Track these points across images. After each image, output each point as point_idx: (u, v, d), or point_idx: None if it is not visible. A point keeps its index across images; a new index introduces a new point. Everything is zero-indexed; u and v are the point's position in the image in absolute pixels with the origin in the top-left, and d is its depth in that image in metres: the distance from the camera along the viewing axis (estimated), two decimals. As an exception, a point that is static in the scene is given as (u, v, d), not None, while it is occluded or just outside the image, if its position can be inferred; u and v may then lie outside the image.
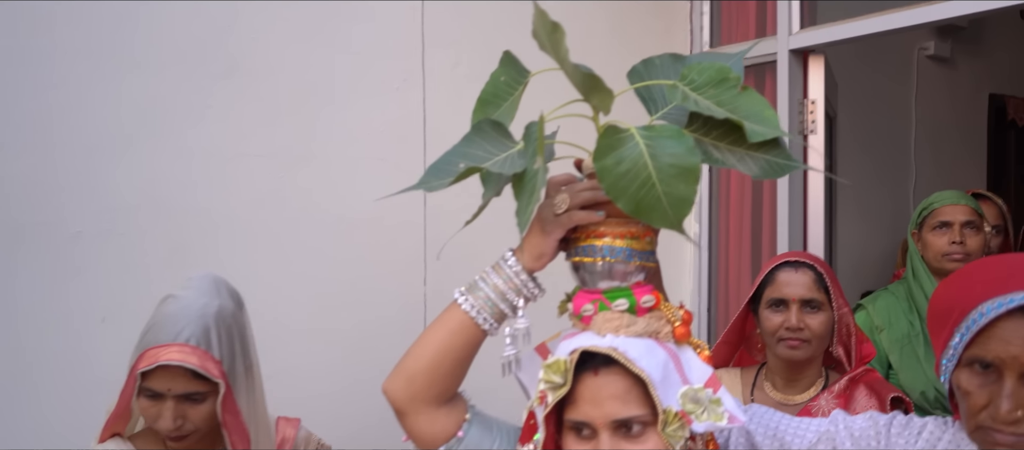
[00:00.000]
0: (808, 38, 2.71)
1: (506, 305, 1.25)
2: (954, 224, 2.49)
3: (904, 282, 2.63)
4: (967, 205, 2.52)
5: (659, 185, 1.11)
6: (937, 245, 2.51)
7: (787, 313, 1.89)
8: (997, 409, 1.07)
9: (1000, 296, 1.07)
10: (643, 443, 1.15)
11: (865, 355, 1.92)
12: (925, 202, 2.61)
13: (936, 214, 2.54)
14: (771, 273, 1.95)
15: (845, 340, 1.94)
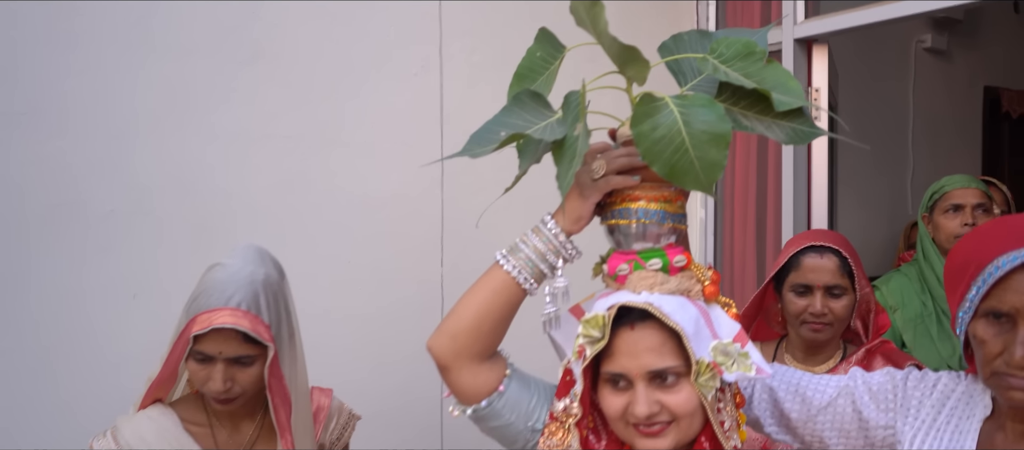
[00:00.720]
0: (813, 27, 2.79)
1: (545, 266, 1.33)
2: (966, 207, 2.57)
3: (915, 263, 2.70)
4: (978, 189, 2.61)
5: (692, 150, 1.18)
6: (949, 227, 2.59)
7: (812, 298, 1.93)
8: (1011, 355, 1.15)
9: (1015, 250, 1.15)
10: (677, 393, 1.23)
11: (881, 326, 1.99)
12: (936, 185, 2.68)
13: (948, 197, 2.61)
14: (796, 257, 1.98)
15: (864, 315, 2.00)
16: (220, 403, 1.55)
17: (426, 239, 2.68)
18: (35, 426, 2.06)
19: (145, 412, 1.61)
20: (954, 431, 1.30)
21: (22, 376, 2.06)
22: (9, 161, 2.03)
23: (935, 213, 2.65)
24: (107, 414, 2.07)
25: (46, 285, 2.08)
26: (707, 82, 1.30)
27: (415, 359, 2.66)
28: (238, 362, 1.52)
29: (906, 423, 1.35)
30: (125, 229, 2.17)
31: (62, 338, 2.10)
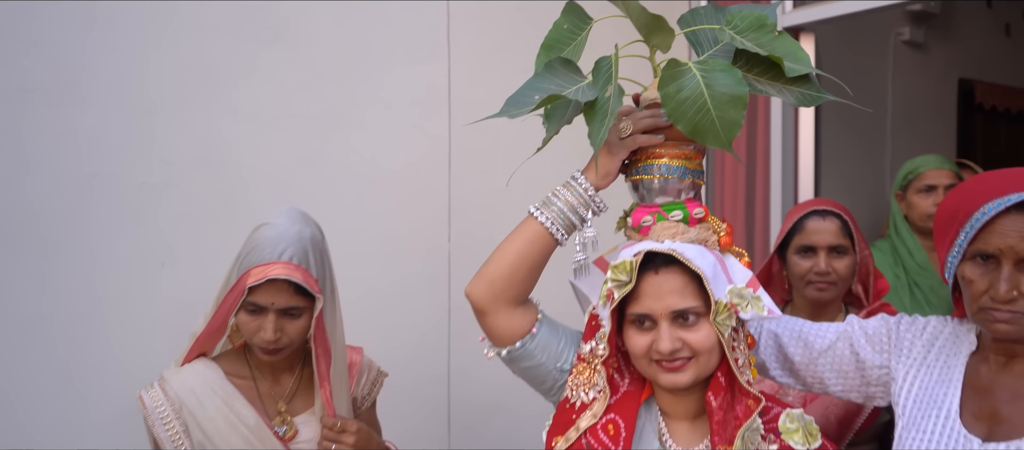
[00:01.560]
0: (801, 16, 2.94)
1: (576, 217, 1.45)
2: (938, 187, 2.72)
3: (888, 239, 2.86)
4: (950, 169, 2.76)
5: (713, 110, 1.32)
6: (923, 206, 2.74)
7: (816, 258, 2.07)
8: (996, 291, 1.29)
9: (999, 198, 1.29)
10: (697, 331, 1.36)
11: (880, 290, 2.14)
12: (910, 165, 2.83)
13: (921, 178, 2.76)
14: (800, 221, 2.12)
15: (864, 278, 2.14)
16: (267, 354, 1.66)
17: (434, 215, 2.79)
18: (70, 383, 2.16)
19: (190, 366, 1.72)
20: (943, 367, 1.44)
21: (58, 339, 2.15)
22: (45, 135, 2.12)
23: (909, 192, 2.80)
24: (138, 373, 2.17)
25: (81, 253, 2.17)
26: (723, 51, 1.43)
27: (423, 328, 2.80)
28: (288, 313, 1.63)
29: (899, 362, 1.49)
30: (154, 201, 2.27)
31: (96, 302, 2.19)
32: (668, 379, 1.37)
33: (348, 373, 1.80)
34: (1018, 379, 1.35)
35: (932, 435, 1.39)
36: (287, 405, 1.73)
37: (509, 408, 2.95)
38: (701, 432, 1.43)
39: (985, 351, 1.41)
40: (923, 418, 1.41)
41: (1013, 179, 1.32)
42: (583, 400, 1.45)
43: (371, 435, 1.73)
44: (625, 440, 1.39)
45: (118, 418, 2.20)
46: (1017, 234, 1.28)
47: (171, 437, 1.64)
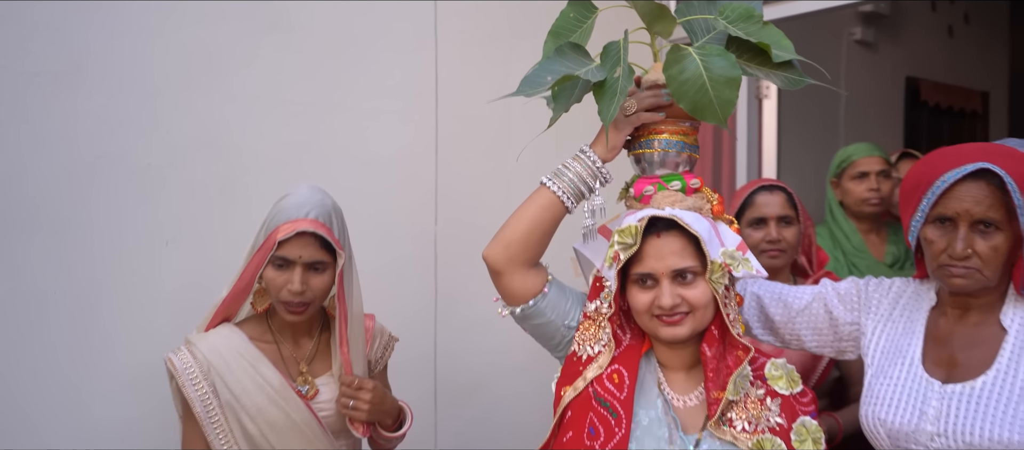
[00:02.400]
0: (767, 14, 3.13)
1: (585, 187, 1.60)
2: (871, 173, 2.93)
3: (826, 225, 3.07)
4: (880, 156, 2.97)
5: (711, 90, 1.48)
6: (857, 192, 2.94)
7: (767, 229, 2.28)
8: (953, 249, 1.48)
9: (956, 168, 1.48)
10: (694, 288, 1.51)
11: (822, 261, 2.37)
12: (842, 154, 3.04)
13: (854, 165, 2.96)
14: (751, 197, 2.33)
15: (807, 250, 2.36)
16: (292, 311, 1.77)
17: (421, 200, 2.92)
18: (78, 357, 2.23)
19: (216, 330, 1.82)
20: (907, 321, 1.63)
21: (66, 315, 2.22)
22: (53, 117, 2.19)
23: (843, 179, 3.00)
24: (144, 346, 2.27)
25: (88, 231, 2.24)
26: (716, 38, 1.59)
27: (410, 309, 2.92)
28: (313, 267, 1.75)
29: (868, 318, 1.67)
30: (158, 182, 2.35)
31: (102, 279, 2.26)
32: (668, 332, 1.53)
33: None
34: (972, 329, 1.54)
35: (898, 381, 1.57)
36: (308, 366, 1.85)
37: (491, 386, 3.09)
38: (695, 381, 1.59)
39: (943, 306, 1.59)
40: (890, 366, 1.59)
41: (968, 152, 1.50)
42: (589, 353, 1.59)
43: (386, 394, 1.86)
44: (629, 388, 1.54)
45: (124, 389, 2.29)
46: (971, 199, 1.46)
47: (201, 397, 1.74)
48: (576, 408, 1.57)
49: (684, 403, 1.57)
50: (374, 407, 1.82)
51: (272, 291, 1.78)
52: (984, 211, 1.46)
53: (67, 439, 2.21)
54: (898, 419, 1.53)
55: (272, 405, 1.77)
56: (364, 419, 1.82)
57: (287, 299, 1.76)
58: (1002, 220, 1.46)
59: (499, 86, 3.10)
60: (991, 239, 1.47)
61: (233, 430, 1.76)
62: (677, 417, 1.55)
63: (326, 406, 1.84)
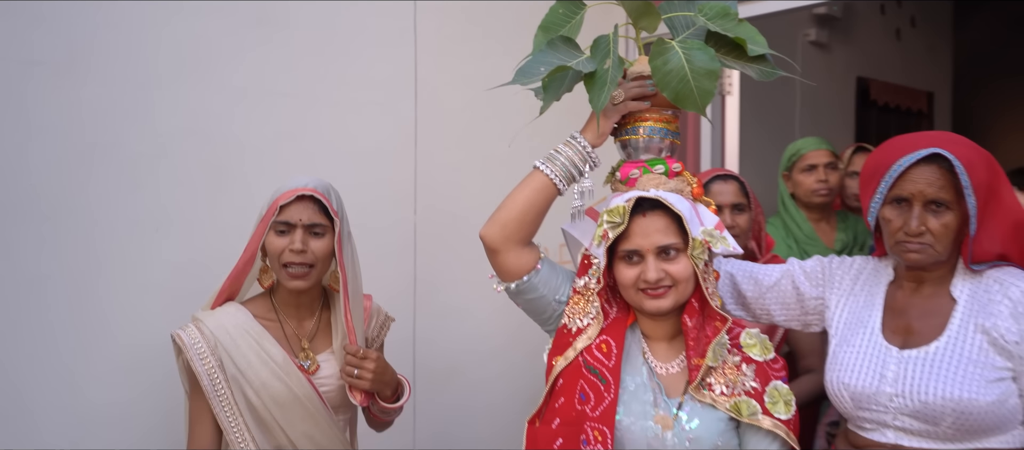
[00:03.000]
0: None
1: (575, 170, 1.72)
2: (819, 165, 3.11)
3: (779, 215, 3.25)
4: (828, 150, 3.16)
5: (692, 81, 1.61)
6: (807, 183, 3.12)
7: (721, 215, 2.42)
8: (909, 227, 1.63)
9: (910, 154, 1.63)
10: (677, 263, 1.64)
11: (769, 245, 2.54)
12: (792, 148, 3.22)
13: (804, 158, 3.15)
14: (706, 185, 2.47)
15: (757, 235, 2.53)
16: (295, 275, 1.86)
17: (401, 190, 3.01)
18: (73, 339, 2.28)
19: (222, 308, 1.90)
20: (867, 294, 1.78)
21: (61, 298, 2.27)
22: (49, 105, 2.24)
23: (793, 172, 3.18)
24: (137, 330, 2.34)
25: (82, 217, 2.30)
26: (696, 34, 1.72)
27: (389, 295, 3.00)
28: (312, 230, 1.85)
29: (832, 293, 1.82)
30: (149, 170, 2.41)
31: (95, 264, 2.32)
32: (652, 304, 1.66)
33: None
34: (926, 300, 1.70)
35: (860, 348, 1.72)
36: (309, 343, 1.94)
37: (468, 371, 3.20)
38: (677, 350, 1.72)
39: (900, 280, 1.75)
40: (852, 335, 1.74)
41: (921, 139, 1.66)
42: (579, 325, 1.71)
43: (387, 366, 1.96)
44: (616, 357, 1.67)
45: (117, 372, 2.34)
46: (925, 181, 1.62)
47: (208, 371, 1.83)
48: (567, 376, 1.69)
49: (667, 370, 1.70)
50: (376, 377, 1.91)
51: (274, 257, 1.88)
52: (936, 192, 1.61)
53: (62, 420, 2.26)
54: (860, 383, 1.68)
55: (275, 379, 1.85)
56: (366, 388, 1.92)
57: (289, 260, 1.85)
58: (952, 200, 1.62)
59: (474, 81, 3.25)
60: (942, 217, 1.62)
61: (238, 403, 1.84)
62: (661, 383, 1.68)
63: (327, 381, 1.94)
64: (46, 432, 2.24)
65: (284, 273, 1.88)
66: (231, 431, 1.83)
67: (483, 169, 3.20)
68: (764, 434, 1.64)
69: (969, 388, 1.56)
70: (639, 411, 1.64)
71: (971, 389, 1.56)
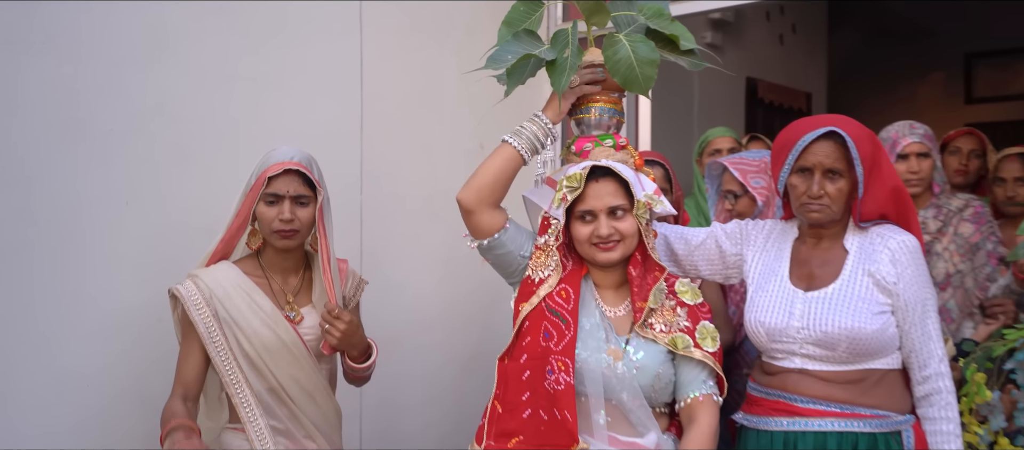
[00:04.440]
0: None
1: (538, 143, 2.01)
2: (723, 150, 3.52)
3: (693, 197, 3.64)
4: (732, 137, 3.58)
5: (637, 68, 1.93)
6: None
7: None
8: (811, 190, 1.99)
9: (811, 131, 1.99)
10: (624, 222, 1.96)
11: (685, 221, 2.90)
12: (703, 137, 3.65)
13: (711, 144, 3.57)
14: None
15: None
16: (283, 237, 2.07)
17: (348, 171, 3.22)
18: (51, 304, 2.40)
19: (215, 266, 2.10)
20: (777, 249, 2.14)
21: (34, 267, 2.38)
22: (29, 82, 2.36)
23: (704, 157, 3.60)
24: (107, 296, 2.49)
25: (59, 189, 2.42)
26: (637, 30, 2.04)
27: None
28: (298, 201, 2.07)
29: (748, 249, 2.17)
30: (120, 146, 2.55)
31: (71, 233, 2.44)
32: (603, 256, 1.97)
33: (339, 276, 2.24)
34: (824, 251, 2.07)
35: (772, 293, 2.08)
36: (293, 298, 2.16)
37: (408, 340, 3.43)
38: (623, 296, 2.04)
39: (803, 236, 2.12)
40: (766, 282, 2.10)
41: (820, 120, 2.03)
42: (541, 276, 2.00)
43: (359, 328, 2.19)
44: (574, 301, 1.97)
45: (90, 337, 2.47)
46: (823, 153, 1.98)
47: (204, 320, 2.02)
48: (532, 319, 1.97)
49: (615, 313, 2.02)
50: (345, 337, 2.14)
51: (264, 224, 2.08)
52: (832, 162, 1.98)
53: (37, 383, 2.37)
54: (773, 320, 2.04)
55: (265, 327, 2.07)
56: (334, 345, 2.14)
57: (278, 228, 2.07)
58: (845, 169, 1.99)
59: (416, 71, 3.51)
60: (837, 183, 2.00)
61: (233, 349, 2.04)
62: (610, 323, 1.99)
63: (309, 331, 2.16)
64: (24, 393, 2.35)
65: (274, 236, 2.09)
66: (226, 374, 2.03)
67: (422, 153, 3.45)
68: (695, 363, 1.97)
69: (859, 319, 1.94)
70: (594, 346, 1.94)
71: (860, 320, 1.94)
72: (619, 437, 1.91)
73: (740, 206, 2.80)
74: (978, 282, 2.95)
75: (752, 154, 2.89)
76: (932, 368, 1.96)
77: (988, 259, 2.97)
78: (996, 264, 2.96)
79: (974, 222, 2.99)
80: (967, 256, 2.96)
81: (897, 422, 1.97)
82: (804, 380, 2.01)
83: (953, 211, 3.02)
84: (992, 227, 3.02)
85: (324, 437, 2.17)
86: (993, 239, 3.00)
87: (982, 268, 2.96)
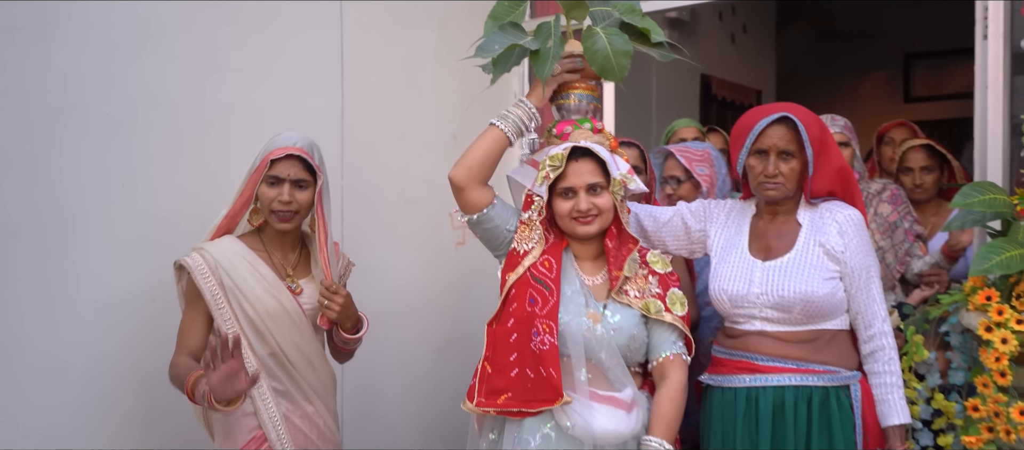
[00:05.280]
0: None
1: (523, 126, 2.19)
2: (688, 138, 3.75)
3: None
4: (696, 127, 3.82)
5: (613, 58, 2.12)
6: None
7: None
8: (767, 170, 2.20)
9: (766, 117, 2.21)
10: (602, 197, 2.15)
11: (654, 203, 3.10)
12: (670, 127, 3.88)
13: (677, 134, 3.79)
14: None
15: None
16: (282, 219, 2.21)
17: (330, 158, 3.34)
18: (51, 282, 2.50)
19: (220, 239, 2.24)
20: (737, 225, 2.35)
21: (41, 244, 2.48)
22: (28, 68, 2.46)
23: (670, 144, 3.82)
24: (104, 276, 2.60)
25: (58, 172, 2.52)
26: (611, 23, 2.23)
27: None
28: (298, 184, 2.21)
29: (711, 225, 2.38)
30: (116, 132, 2.66)
31: (69, 215, 2.54)
32: (583, 229, 2.15)
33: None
34: (780, 225, 2.29)
35: (733, 264, 2.29)
36: (292, 271, 2.30)
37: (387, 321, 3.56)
38: (599, 266, 2.23)
39: (760, 212, 2.34)
40: (727, 255, 2.31)
41: (774, 107, 2.24)
42: (526, 248, 2.18)
43: (352, 303, 2.34)
44: (556, 270, 2.15)
45: (87, 315, 2.58)
46: (777, 137, 2.20)
47: (210, 288, 2.16)
48: (518, 287, 2.15)
49: (593, 281, 2.21)
50: (343, 311, 2.29)
51: (265, 204, 2.23)
52: (785, 144, 2.20)
53: (35, 358, 2.48)
54: (735, 288, 2.25)
55: (268, 295, 2.21)
56: (333, 318, 2.30)
57: (277, 208, 2.21)
58: (797, 151, 2.21)
59: (393, 65, 3.67)
60: (790, 163, 2.21)
61: (237, 315, 2.18)
62: (589, 290, 2.18)
63: (307, 302, 2.31)
64: (25, 371, 2.45)
65: (273, 217, 2.23)
66: None
67: (399, 142, 3.60)
68: (666, 326, 2.17)
69: (811, 284, 2.16)
70: (575, 311, 2.13)
71: (812, 285, 2.16)
72: (599, 392, 2.10)
73: (682, 191, 3.02)
74: (898, 257, 3.24)
75: (695, 145, 3.13)
76: (876, 328, 2.19)
77: (906, 236, 3.26)
78: (913, 240, 3.25)
79: (892, 203, 3.28)
80: (887, 234, 3.23)
81: (846, 377, 2.20)
82: (764, 341, 2.22)
83: (872, 194, 3.30)
84: (908, 207, 3.32)
85: (321, 400, 2.33)
86: (909, 218, 3.29)
87: (901, 244, 3.25)
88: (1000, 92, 2.78)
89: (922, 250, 3.29)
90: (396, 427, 3.60)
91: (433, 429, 3.80)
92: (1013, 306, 2.14)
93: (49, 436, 2.47)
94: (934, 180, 3.45)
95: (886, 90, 8.05)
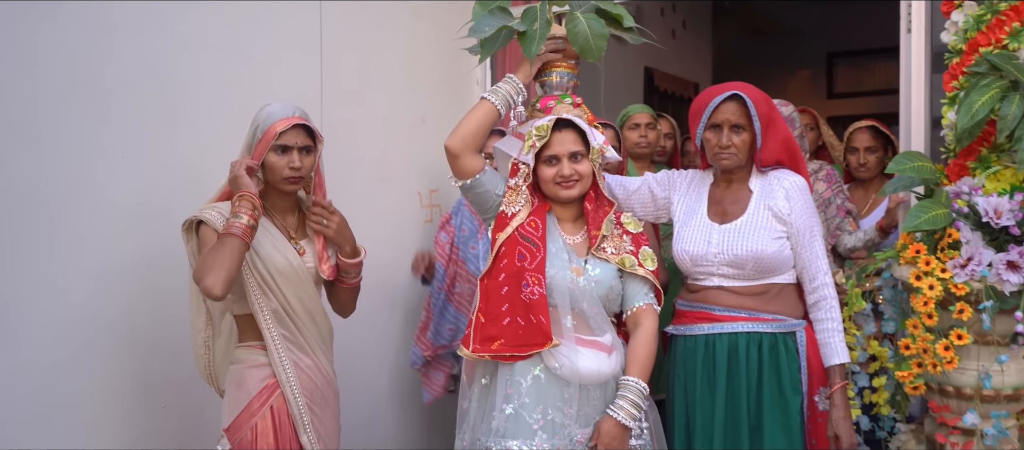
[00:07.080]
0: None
1: (511, 100, 2.44)
2: (641, 124, 4.05)
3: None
4: (648, 113, 4.11)
5: (591, 40, 2.39)
6: (632, 138, 4.02)
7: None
8: (721, 142, 2.50)
9: (719, 95, 2.50)
10: (582, 164, 2.41)
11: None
12: (624, 112, 4.16)
13: (630, 120, 4.07)
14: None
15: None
16: (291, 182, 2.41)
17: (308, 137, 3.54)
18: (57, 250, 2.64)
19: (226, 202, 2.41)
20: (697, 193, 2.65)
21: (50, 212, 2.61)
22: (39, 44, 2.59)
23: (623, 129, 4.12)
24: (105, 242, 2.75)
25: (66, 142, 2.66)
26: (588, 8, 2.50)
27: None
28: (304, 150, 2.41)
29: (674, 194, 2.67)
30: (117, 105, 2.80)
31: (75, 183, 2.68)
32: (565, 193, 2.42)
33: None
34: (734, 192, 2.59)
35: (694, 227, 2.58)
36: (293, 233, 2.51)
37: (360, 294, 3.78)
38: (579, 227, 2.50)
39: (717, 181, 2.64)
40: (689, 219, 2.60)
41: (726, 86, 2.53)
42: (514, 211, 2.43)
43: (347, 225, 2.54)
44: (542, 229, 2.41)
45: (92, 279, 2.72)
46: (729, 112, 2.49)
47: None
48: (508, 245, 2.40)
49: (574, 240, 2.47)
50: (339, 229, 2.51)
51: (276, 172, 2.41)
52: (737, 119, 2.50)
53: (43, 322, 2.61)
54: (695, 249, 2.54)
55: (276, 251, 2.41)
56: (331, 235, 2.49)
57: (287, 175, 2.41)
58: (747, 124, 2.51)
59: (367, 49, 3.86)
60: (741, 135, 2.51)
61: (246, 270, 2.37)
62: (571, 248, 2.44)
63: (308, 261, 2.51)
64: (34, 328, 2.58)
65: (283, 182, 2.43)
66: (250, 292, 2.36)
67: (373, 122, 3.81)
68: (639, 279, 2.46)
69: (761, 243, 2.47)
70: (559, 265, 2.39)
71: (762, 244, 2.47)
72: (583, 337, 2.36)
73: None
74: (830, 231, 3.61)
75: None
76: (819, 281, 2.51)
77: (838, 212, 3.63)
78: (844, 216, 3.63)
79: (826, 181, 3.66)
80: (821, 209, 3.60)
81: (793, 324, 2.52)
82: (721, 294, 2.52)
83: (810, 173, 3.66)
84: (841, 186, 3.70)
85: (322, 353, 2.53)
86: (842, 196, 3.67)
87: (833, 219, 3.63)
88: (922, 85, 3.13)
89: (852, 225, 3.67)
90: (370, 393, 3.81)
91: (405, 395, 4.02)
92: (938, 257, 2.48)
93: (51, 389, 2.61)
94: (878, 160, 3.81)
95: (810, 86, 8.57)
